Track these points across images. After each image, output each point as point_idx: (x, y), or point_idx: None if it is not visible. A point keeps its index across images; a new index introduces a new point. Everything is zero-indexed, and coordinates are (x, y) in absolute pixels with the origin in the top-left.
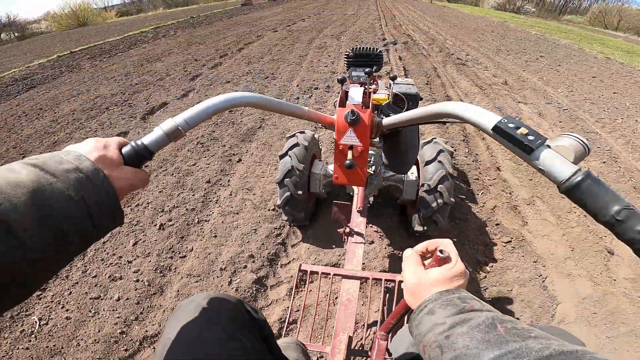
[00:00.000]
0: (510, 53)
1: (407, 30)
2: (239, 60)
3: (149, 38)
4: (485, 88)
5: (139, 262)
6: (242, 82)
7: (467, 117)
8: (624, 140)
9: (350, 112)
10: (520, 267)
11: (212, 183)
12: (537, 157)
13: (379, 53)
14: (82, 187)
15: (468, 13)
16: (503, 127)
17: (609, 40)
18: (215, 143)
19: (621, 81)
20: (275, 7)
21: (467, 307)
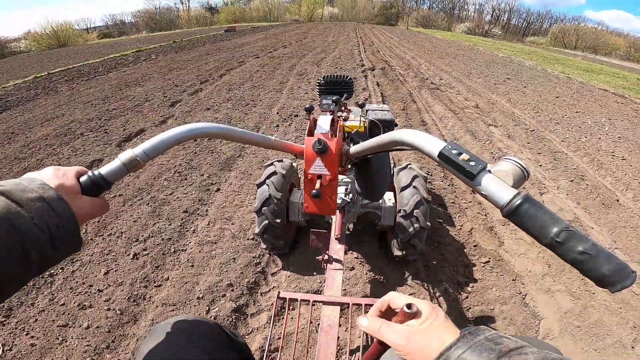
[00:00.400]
0: (480, 76)
1: (384, 56)
2: (220, 86)
3: (130, 61)
4: (458, 112)
5: (110, 290)
6: (222, 109)
7: (415, 144)
8: (589, 159)
9: (317, 141)
10: (500, 285)
11: (189, 213)
12: (479, 183)
13: (349, 80)
14: (46, 214)
15: (441, 38)
16: (447, 153)
17: (569, 60)
18: (194, 172)
19: (582, 100)
20: (258, 33)
21: (504, 348)
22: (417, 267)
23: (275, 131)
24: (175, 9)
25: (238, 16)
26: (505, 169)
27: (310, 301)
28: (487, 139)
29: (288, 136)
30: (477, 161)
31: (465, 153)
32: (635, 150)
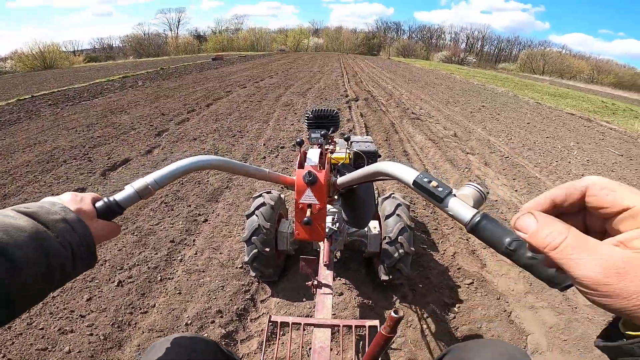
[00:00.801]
0: (457, 104)
1: (367, 86)
2: (207, 116)
3: (116, 87)
4: (438, 141)
5: (93, 316)
6: (209, 139)
7: (394, 174)
8: (561, 182)
9: (308, 173)
10: (486, 305)
11: (176, 242)
12: (447, 205)
13: (335, 114)
14: (68, 234)
15: (420, 67)
16: (419, 181)
17: (537, 85)
18: (180, 203)
19: (551, 125)
20: (245, 62)
21: None
22: (404, 290)
23: (262, 163)
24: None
25: (226, 45)
26: (467, 193)
27: (301, 324)
28: (466, 167)
29: (275, 168)
30: (444, 187)
31: (435, 180)
32: (603, 172)
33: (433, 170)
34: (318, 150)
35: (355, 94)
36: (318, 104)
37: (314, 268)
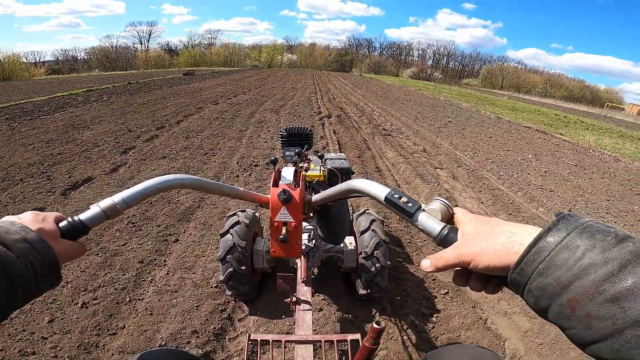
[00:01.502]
0: (426, 120)
1: (340, 103)
2: (177, 133)
3: (79, 102)
4: (409, 157)
5: (56, 338)
6: (179, 157)
7: (366, 191)
8: (522, 193)
9: (282, 191)
10: (462, 313)
11: (145, 263)
12: (417, 219)
13: (309, 132)
14: (29, 254)
15: (390, 83)
16: (390, 197)
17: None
18: (149, 223)
19: (511, 138)
20: (217, 78)
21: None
22: (382, 303)
23: (235, 181)
24: (133, 49)
25: (198, 60)
26: (435, 208)
27: (282, 342)
28: (435, 181)
29: (249, 186)
30: (413, 203)
31: (405, 197)
32: (560, 182)
33: (405, 186)
34: (292, 169)
35: (329, 111)
36: (291, 121)
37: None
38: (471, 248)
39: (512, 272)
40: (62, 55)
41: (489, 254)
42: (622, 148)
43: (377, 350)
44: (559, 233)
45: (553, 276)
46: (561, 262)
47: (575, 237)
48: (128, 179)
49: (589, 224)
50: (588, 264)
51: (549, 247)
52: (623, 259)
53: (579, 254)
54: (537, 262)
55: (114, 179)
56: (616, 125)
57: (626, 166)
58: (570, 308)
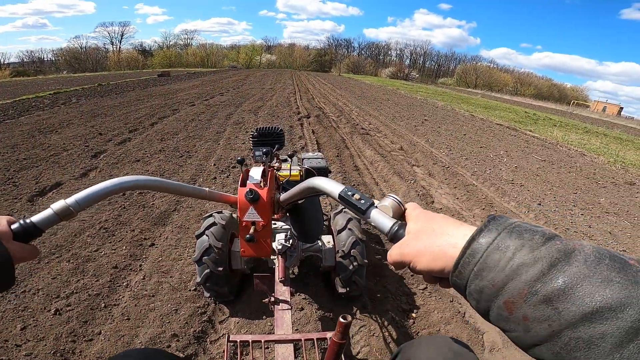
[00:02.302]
0: (403, 119)
1: (319, 103)
2: (152, 136)
3: (46, 105)
4: (386, 155)
5: (30, 345)
6: (153, 161)
7: (322, 188)
8: (495, 188)
9: (249, 191)
10: (441, 308)
11: (120, 268)
12: (369, 216)
13: (279, 132)
14: None
15: (369, 83)
16: (344, 195)
17: (471, 99)
18: (123, 228)
19: (484, 135)
20: (194, 79)
21: (546, 231)
22: (363, 301)
23: (212, 184)
24: (104, 49)
25: (174, 61)
26: (387, 204)
27: (262, 342)
28: (412, 179)
29: (226, 188)
30: (365, 200)
31: (357, 194)
32: (530, 177)
33: (383, 184)
34: (260, 168)
35: (307, 111)
36: (270, 122)
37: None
38: (411, 248)
39: (452, 276)
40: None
41: (426, 255)
42: (587, 143)
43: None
44: (489, 234)
45: (488, 278)
46: (493, 263)
47: (505, 238)
48: None
49: (517, 223)
50: (519, 264)
51: (481, 248)
52: (552, 258)
53: (509, 254)
54: (472, 264)
55: (84, 184)
56: (582, 122)
57: (591, 160)
58: (507, 310)
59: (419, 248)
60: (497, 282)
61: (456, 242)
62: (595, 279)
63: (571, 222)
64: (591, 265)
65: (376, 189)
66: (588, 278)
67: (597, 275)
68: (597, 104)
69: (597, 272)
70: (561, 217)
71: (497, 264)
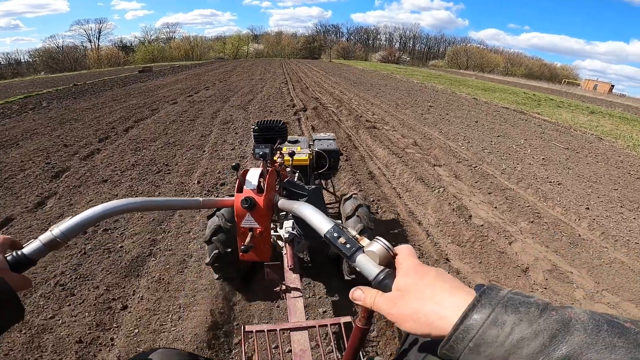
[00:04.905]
0: (406, 106)
1: (314, 92)
2: (125, 145)
3: (13, 111)
4: (401, 154)
5: None
6: (124, 180)
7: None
8: (532, 190)
9: (244, 199)
10: None
11: (86, 343)
12: (354, 261)
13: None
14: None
15: (362, 68)
16: (329, 236)
17: (467, 80)
18: (85, 283)
19: (496, 122)
20: (178, 73)
21: (539, 301)
22: None
23: (196, 212)
24: (82, 47)
25: (157, 55)
26: (374, 250)
27: (277, 330)
28: (439, 185)
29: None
30: (352, 244)
31: (344, 237)
32: (562, 171)
33: (406, 194)
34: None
35: (303, 102)
36: (263, 118)
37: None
38: (398, 309)
39: (441, 349)
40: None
41: (412, 321)
42: (598, 125)
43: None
44: (483, 309)
45: (486, 353)
46: (491, 339)
47: (501, 312)
48: (56, 218)
49: (509, 296)
50: (519, 339)
51: (476, 324)
52: (552, 330)
53: (508, 329)
54: (466, 340)
55: (38, 219)
56: (582, 101)
57: (611, 146)
58: None
59: (405, 312)
60: (497, 356)
61: (445, 314)
62: (599, 346)
63: (628, 231)
64: (592, 333)
65: (399, 202)
66: (592, 346)
67: (600, 343)
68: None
69: (599, 339)
70: (615, 224)
71: (495, 340)
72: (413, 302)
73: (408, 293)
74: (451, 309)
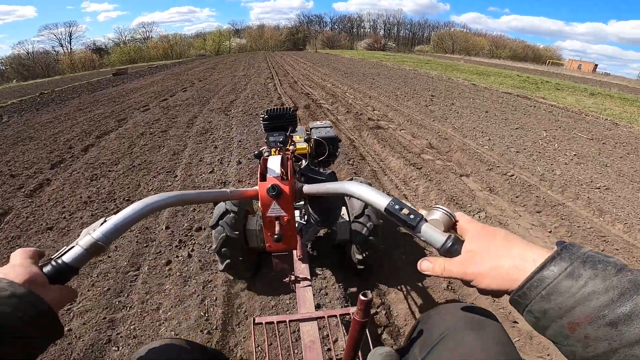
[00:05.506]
0: (407, 97)
1: (303, 87)
2: (80, 171)
3: None
4: (420, 164)
5: None
6: (73, 224)
7: (364, 197)
8: (583, 202)
9: (271, 187)
10: None
11: None
12: (419, 231)
13: (292, 113)
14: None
15: (349, 57)
16: (391, 209)
17: (458, 65)
18: None
19: (505, 111)
20: (155, 74)
21: (618, 262)
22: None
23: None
24: (54, 52)
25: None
26: (437, 218)
27: (287, 321)
28: (477, 208)
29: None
30: (415, 214)
31: (406, 208)
32: (601, 171)
33: None
34: (278, 159)
35: (292, 100)
36: (247, 124)
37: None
38: (474, 268)
39: (514, 295)
40: None
41: (492, 277)
42: (606, 109)
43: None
44: (562, 262)
45: (556, 301)
46: (564, 289)
47: (579, 267)
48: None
49: (589, 254)
50: (590, 292)
51: (552, 275)
52: (622, 288)
53: (582, 282)
54: (540, 289)
55: None
56: (574, 82)
57: (629, 132)
58: (569, 330)
59: (483, 270)
60: (565, 305)
61: (525, 267)
62: None
63: None
64: None
65: None
66: None
67: None
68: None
69: None
70: None
71: (568, 290)
72: (490, 260)
73: (483, 252)
74: (531, 263)
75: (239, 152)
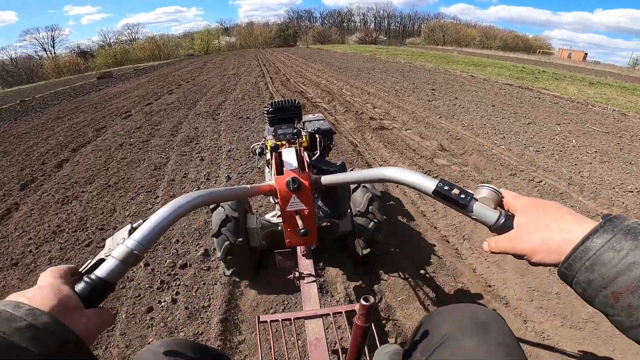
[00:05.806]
0: (407, 92)
1: (297, 85)
2: (51, 192)
3: None
4: (434, 171)
5: None
6: (41, 260)
7: (408, 182)
8: (619, 209)
9: (292, 180)
10: None
11: None
12: (471, 210)
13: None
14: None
15: (342, 52)
16: (441, 190)
17: (452, 56)
18: None
19: (513, 104)
20: (141, 76)
21: None
22: None
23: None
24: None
25: (120, 58)
26: (486, 195)
27: (291, 319)
28: None
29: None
30: (465, 193)
31: (456, 188)
32: (629, 170)
33: (466, 248)
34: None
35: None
36: (237, 129)
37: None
38: (525, 244)
39: (561, 267)
40: None
41: (543, 251)
42: (610, 98)
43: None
44: (605, 234)
45: (600, 272)
46: (607, 260)
47: (620, 239)
48: None
49: (632, 226)
50: (631, 262)
51: (595, 246)
52: None
53: (623, 253)
54: (584, 260)
55: None
56: (569, 71)
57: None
58: (613, 299)
59: (533, 245)
60: (608, 276)
61: (572, 239)
62: None
63: None
64: None
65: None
66: None
67: None
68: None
69: None
70: None
71: (610, 261)
72: (541, 233)
73: (533, 227)
74: (580, 236)
75: (228, 164)
